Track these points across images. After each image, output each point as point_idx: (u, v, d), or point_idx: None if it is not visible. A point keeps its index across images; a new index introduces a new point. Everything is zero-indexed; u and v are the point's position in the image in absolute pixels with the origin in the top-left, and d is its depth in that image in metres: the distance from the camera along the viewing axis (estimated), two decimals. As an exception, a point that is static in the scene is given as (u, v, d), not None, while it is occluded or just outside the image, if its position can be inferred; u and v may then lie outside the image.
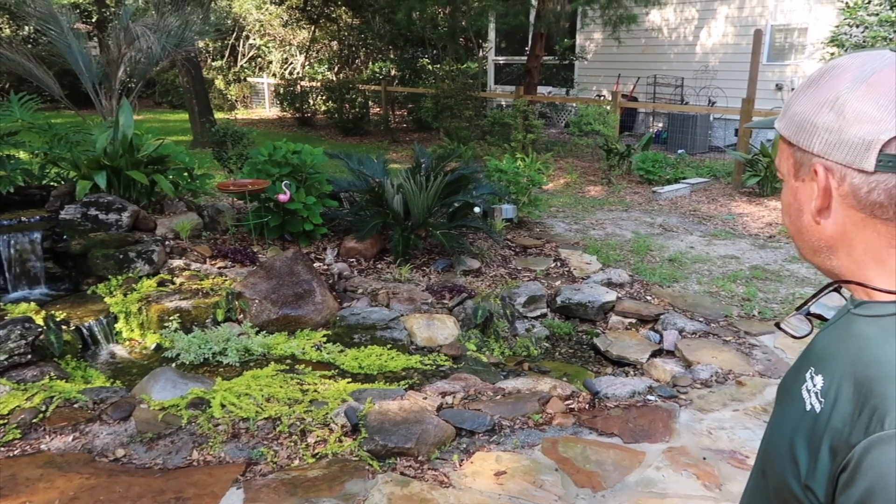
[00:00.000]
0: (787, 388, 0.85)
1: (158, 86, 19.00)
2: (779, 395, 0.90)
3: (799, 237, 0.85)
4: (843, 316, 0.81)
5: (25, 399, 3.26)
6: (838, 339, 0.78)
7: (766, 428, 0.89)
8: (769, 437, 0.84)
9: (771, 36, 11.67)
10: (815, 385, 0.76)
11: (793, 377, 0.85)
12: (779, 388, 0.93)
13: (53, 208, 5.07)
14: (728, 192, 8.62)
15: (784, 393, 0.86)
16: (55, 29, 6.83)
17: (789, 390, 0.83)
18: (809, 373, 0.79)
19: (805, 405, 0.76)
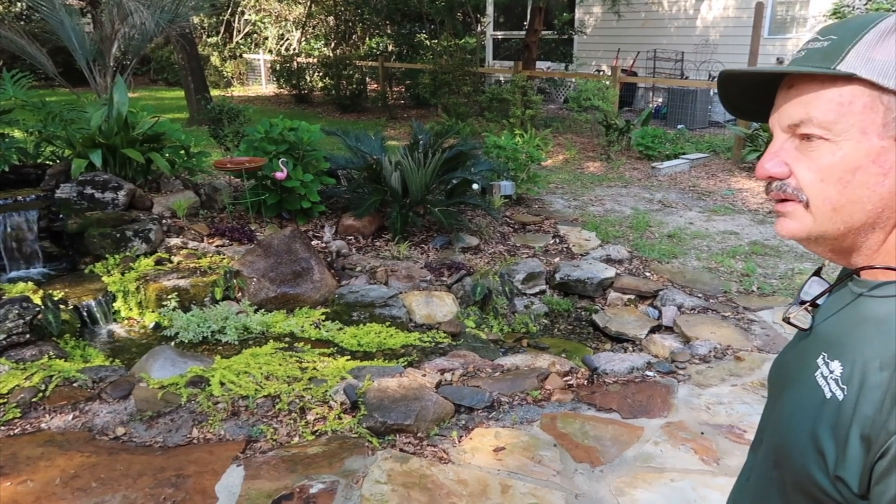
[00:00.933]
0: (792, 375, 0.82)
1: (153, 63, 18.83)
2: (779, 382, 0.86)
3: (848, 210, 0.75)
4: (852, 300, 0.77)
5: (25, 378, 3.26)
6: (851, 323, 0.75)
7: (771, 417, 0.85)
8: (782, 427, 0.79)
9: (772, 9, 11.54)
10: (833, 371, 0.73)
11: (797, 364, 0.82)
12: (775, 374, 0.90)
13: (49, 187, 5.04)
14: (728, 168, 8.58)
15: (789, 380, 0.83)
16: (47, 6, 6.73)
17: (797, 377, 0.80)
18: (821, 359, 0.76)
19: (823, 393, 0.73)
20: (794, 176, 0.77)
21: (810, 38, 0.79)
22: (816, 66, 0.74)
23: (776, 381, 0.88)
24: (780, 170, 0.78)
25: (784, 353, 0.91)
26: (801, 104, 0.75)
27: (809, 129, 0.75)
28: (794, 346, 0.87)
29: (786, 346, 0.93)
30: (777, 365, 0.91)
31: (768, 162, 0.79)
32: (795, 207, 0.78)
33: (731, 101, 0.88)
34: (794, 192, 0.77)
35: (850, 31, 0.74)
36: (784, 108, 0.77)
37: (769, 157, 0.79)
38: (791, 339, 0.91)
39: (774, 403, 0.86)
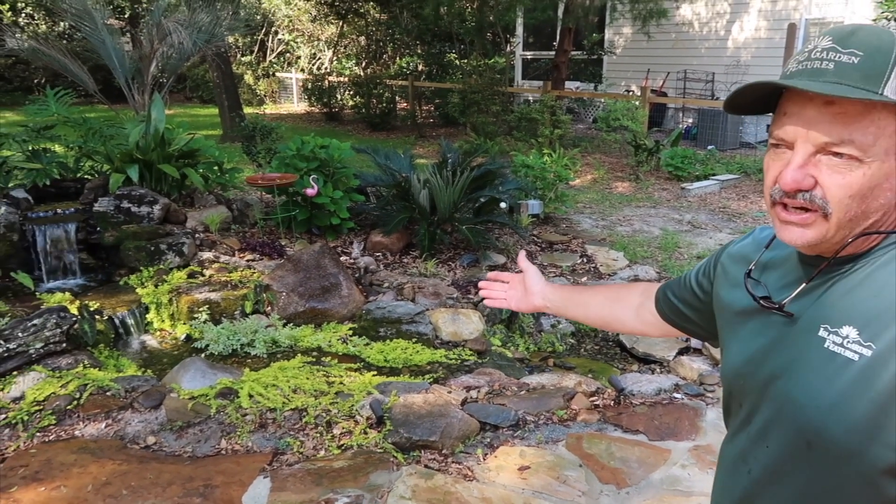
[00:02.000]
0: (785, 360, 0.85)
1: (189, 81, 19.27)
2: (763, 374, 0.88)
3: (859, 220, 0.82)
4: (838, 277, 0.83)
5: (60, 386, 3.34)
6: (843, 293, 0.81)
7: (769, 401, 0.87)
8: (807, 407, 0.81)
9: (805, 30, 11.45)
10: (847, 336, 0.78)
11: (787, 349, 0.85)
12: (747, 370, 0.92)
13: (87, 201, 5.18)
14: (759, 190, 8.48)
15: (783, 366, 0.85)
16: (90, 25, 6.97)
17: (797, 359, 0.83)
18: (823, 331, 0.81)
19: (846, 357, 0.77)
20: (820, 188, 0.81)
21: (824, 44, 0.80)
22: (859, 86, 0.76)
23: (754, 374, 0.90)
24: (809, 182, 0.81)
25: (744, 348, 0.94)
26: (843, 125, 0.78)
27: (847, 149, 0.78)
28: (767, 339, 0.89)
29: (736, 342, 0.97)
30: (745, 362, 0.93)
31: (798, 174, 0.81)
32: (816, 217, 0.82)
33: (739, 106, 0.90)
34: (822, 203, 0.81)
35: (877, 50, 0.77)
36: (821, 125, 0.79)
37: (798, 170, 0.81)
38: (742, 336, 0.95)
39: (764, 393, 0.88)
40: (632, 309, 1.33)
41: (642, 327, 1.32)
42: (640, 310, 1.31)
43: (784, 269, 0.94)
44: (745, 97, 0.88)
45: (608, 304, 1.37)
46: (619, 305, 1.35)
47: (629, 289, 1.38)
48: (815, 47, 0.81)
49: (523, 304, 1.46)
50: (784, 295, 0.89)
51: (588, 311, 1.39)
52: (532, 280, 1.45)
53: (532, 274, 1.46)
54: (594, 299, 1.40)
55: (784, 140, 0.84)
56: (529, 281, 1.45)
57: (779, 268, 0.95)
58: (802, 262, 0.91)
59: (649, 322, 1.30)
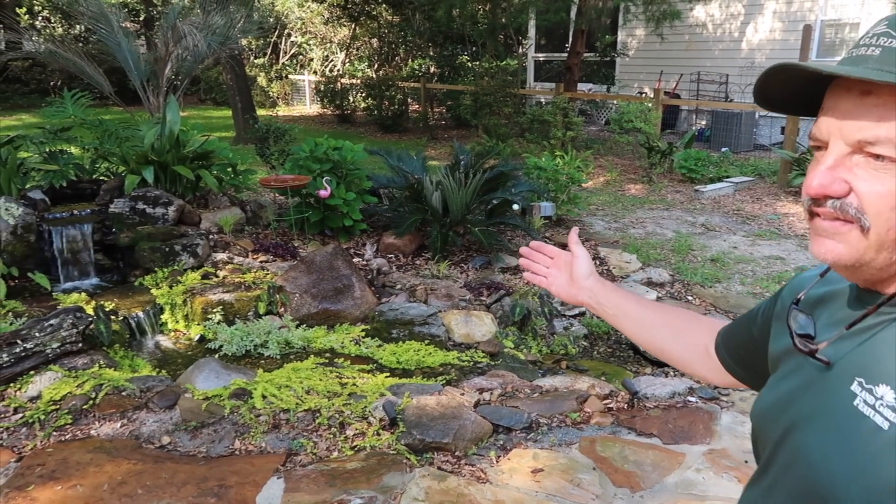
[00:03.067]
0: (809, 410, 0.73)
1: (202, 83, 19.39)
2: (784, 421, 0.77)
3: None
4: (889, 322, 0.70)
5: (76, 386, 3.37)
6: (893, 342, 0.68)
7: (784, 456, 0.76)
8: (818, 469, 0.69)
9: (821, 31, 11.36)
10: (882, 397, 0.65)
11: (814, 398, 0.73)
12: (770, 414, 0.80)
13: (103, 202, 5.22)
14: (773, 192, 8.43)
15: (805, 417, 0.73)
16: (106, 28, 7.03)
17: (820, 412, 0.71)
18: (857, 386, 0.68)
19: (874, 423, 0.65)
20: (855, 195, 0.68)
21: (877, 30, 0.69)
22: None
23: (776, 419, 0.78)
24: (839, 187, 0.69)
25: (774, 390, 0.82)
26: (880, 119, 0.65)
27: (886, 149, 0.65)
28: (797, 382, 0.77)
29: (771, 382, 0.84)
30: (771, 405, 0.81)
31: (825, 178, 0.69)
32: (850, 230, 0.69)
33: (771, 98, 0.78)
34: (856, 214, 0.68)
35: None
36: (855, 119, 0.67)
37: (827, 172, 0.69)
38: (777, 376, 0.83)
39: (782, 442, 0.77)
40: (696, 351, 1.13)
41: (705, 373, 1.13)
42: (704, 353, 1.12)
43: (837, 303, 0.80)
44: (775, 89, 0.76)
45: (670, 335, 1.16)
46: (683, 341, 1.15)
47: (696, 323, 1.17)
48: (868, 33, 0.71)
49: (564, 293, 1.27)
50: (828, 333, 0.76)
51: (642, 333, 1.20)
52: (581, 269, 1.24)
53: (582, 262, 1.25)
54: (654, 323, 1.18)
55: (819, 139, 0.72)
56: (577, 270, 1.25)
57: (833, 301, 0.81)
58: (855, 298, 0.77)
59: (712, 368, 1.10)
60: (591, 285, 1.24)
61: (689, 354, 1.14)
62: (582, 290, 1.24)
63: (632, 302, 1.22)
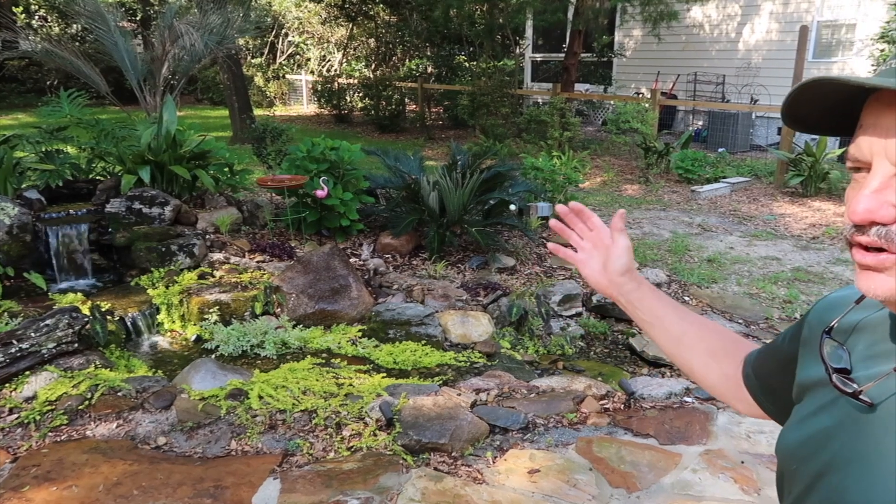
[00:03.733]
0: (847, 454, 0.68)
1: (199, 82, 19.37)
2: (816, 462, 0.71)
3: None
4: None
5: (72, 386, 3.36)
6: None
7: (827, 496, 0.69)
8: None
9: (817, 32, 11.39)
10: None
11: (853, 442, 0.68)
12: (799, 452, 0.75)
13: (99, 202, 5.21)
14: (770, 192, 8.44)
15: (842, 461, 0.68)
16: (103, 27, 7.02)
17: (862, 458, 0.66)
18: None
19: None
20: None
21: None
22: None
23: (809, 459, 0.73)
24: (888, 213, 0.62)
25: (805, 426, 0.76)
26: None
27: None
28: (832, 420, 0.72)
29: (800, 416, 0.78)
30: (803, 442, 0.75)
31: (871, 202, 0.62)
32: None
33: (800, 116, 0.72)
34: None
35: None
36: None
37: (873, 196, 0.62)
38: (806, 409, 0.77)
39: (816, 484, 0.71)
40: (729, 381, 1.03)
41: (736, 404, 1.03)
42: (736, 384, 1.02)
43: (877, 334, 0.73)
44: (807, 108, 0.70)
45: (707, 360, 1.05)
46: (719, 371, 1.05)
47: (735, 349, 1.05)
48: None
49: (593, 279, 1.13)
50: (868, 368, 0.70)
51: (677, 351, 1.08)
52: (617, 262, 1.09)
53: (620, 253, 1.09)
54: (692, 343, 1.07)
55: (859, 160, 0.65)
56: (614, 261, 1.09)
57: (871, 331, 0.74)
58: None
59: (739, 398, 1.01)
60: (625, 282, 1.09)
61: (723, 383, 1.04)
62: (614, 284, 1.10)
63: (671, 313, 1.08)
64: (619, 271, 1.09)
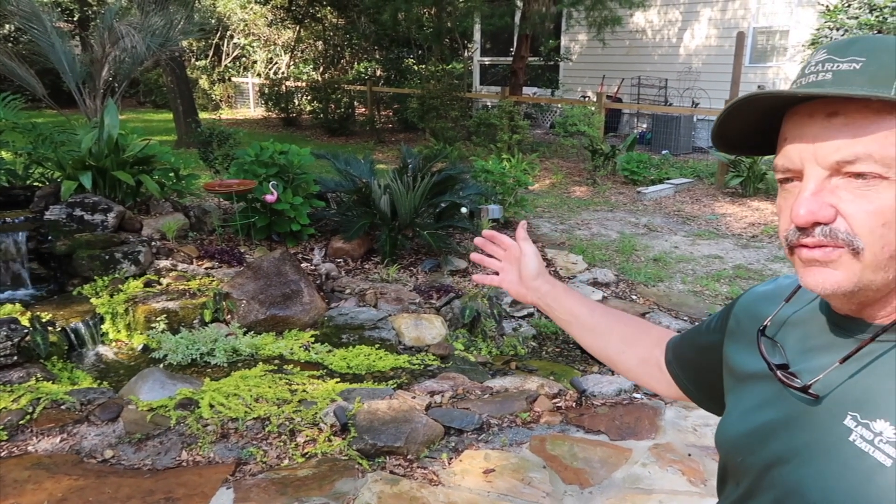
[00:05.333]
0: (798, 444, 0.71)
1: (142, 85, 18.87)
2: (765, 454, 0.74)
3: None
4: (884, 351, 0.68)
5: (12, 401, 3.23)
6: (885, 373, 0.66)
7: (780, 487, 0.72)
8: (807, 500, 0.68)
9: (753, 38, 11.82)
10: (881, 433, 0.64)
11: (802, 432, 0.71)
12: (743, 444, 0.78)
13: (38, 209, 5.03)
14: (711, 193, 8.72)
15: (792, 451, 0.71)
16: (38, 28, 6.78)
17: (813, 447, 0.69)
18: (851, 421, 0.66)
19: (875, 459, 0.63)
20: (842, 219, 0.66)
21: (818, 58, 0.69)
22: (870, 90, 0.63)
23: (755, 451, 0.76)
24: (828, 213, 0.66)
25: (748, 418, 0.79)
26: (854, 136, 0.64)
27: (867, 166, 0.64)
28: (778, 413, 0.75)
29: (743, 409, 0.81)
30: (747, 434, 0.78)
31: (812, 204, 0.66)
32: (842, 255, 0.66)
33: (728, 136, 0.76)
34: (847, 237, 0.66)
35: (881, 51, 0.65)
36: (829, 141, 0.66)
37: (812, 198, 0.67)
38: (748, 403, 0.80)
39: (765, 475, 0.74)
40: (646, 363, 1.10)
41: (654, 385, 1.10)
42: (654, 366, 1.09)
43: (808, 328, 0.77)
44: (734, 126, 0.74)
45: (622, 346, 1.12)
46: (634, 353, 1.12)
47: (647, 333, 1.13)
48: (809, 62, 0.70)
49: (514, 290, 1.19)
50: (805, 362, 0.74)
51: (594, 341, 1.15)
52: (528, 268, 1.15)
53: (529, 260, 1.16)
54: (606, 331, 1.14)
55: (790, 169, 0.69)
56: (525, 269, 1.16)
57: (802, 326, 0.78)
58: (835, 325, 0.74)
59: (662, 381, 1.08)
60: (539, 286, 1.16)
61: (640, 367, 1.11)
62: (530, 290, 1.17)
63: (584, 307, 1.16)
64: (532, 276, 1.15)
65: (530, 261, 1.16)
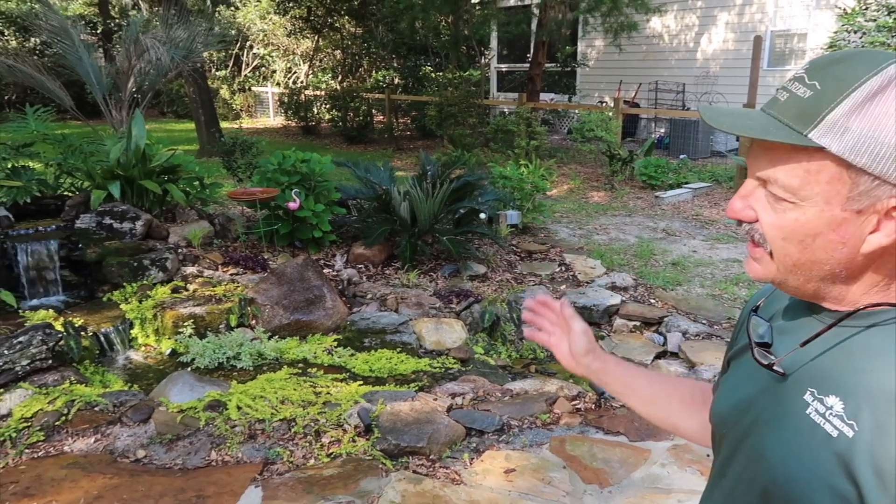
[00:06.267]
0: (766, 415, 0.79)
1: (164, 96, 19.20)
2: (742, 423, 0.82)
3: (807, 267, 0.75)
4: (847, 336, 0.75)
5: (48, 402, 3.35)
6: (841, 356, 0.73)
7: (741, 456, 0.81)
8: (776, 469, 0.75)
9: (771, 42, 11.78)
10: (831, 408, 0.70)
11: (770, 404, 0.79)
12: (727, 416, 0.86)
13: (69, 218, 5.18)
14: (730, 197, 8.69)
15: (762, 421, 0.79)
16: (66, 42, 6.98)
17: (777, 417, 0.77)
18: (809, 396, 0.73)
19: (825, 430, 0.70)
20: (760, 223, 0.77)
21: (797, 73, 0.74)
22: (789, 124, 0.71)
23: (738, 422, 0.84)
24: (748, 214, 0.78)
25: (734, 393, 0.87)
26: (770, 161, 0.74)
27: (774, 188, 0.74)
28: (755, 387, 0.82)
29: (731, 385, 0.89)
30: (732, 407, 0.86)
31: (737, 203, 0.78)
32: (763, 254, 0.78)
33: None
34: (761, 239, 0.77)
35: (835, 83, 0.70)
36: (757, 157, 0.76)
37: (739, 198, 0.78)
38: (735, 379, 0.89)
39: (741, 443, 0.82)
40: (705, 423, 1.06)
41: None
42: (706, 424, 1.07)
43: (792, 313, 0.86)
44: None
45: (683, 411, 1.13)
46: (697, 417, 1.11)
47: (703, 390, 1.14)
48: (793, 73, 0.76)
49: (566, 362, 1.19)
50: (783, 341, 0.82)
51: (654, 411, 1.16)
52: (577, 344, 1.16)
53: (578, 338, 1.16)
54: (665, 399, 1.15)
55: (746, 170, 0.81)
56: (574, 345, 1.16)
57: (788, 312, 0.87)
58: (807, 307, 0.82)
59: None
60: (589, 363, 1.16)
61: (705, 429, 1.06)
62: (581, 366, 1.17)
63: (639, 379, 1.18)
64: (582, 353, 1.16)
65: (579, 338, 1.16)
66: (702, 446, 1.17)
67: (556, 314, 1.21)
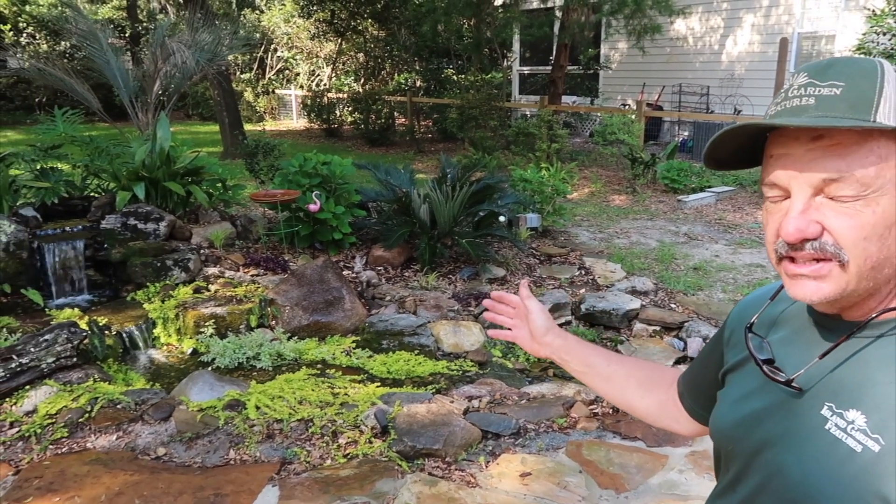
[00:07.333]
0: (780, 432, 0.77)
1: (189, 98, 19.46)
2: (753, 440, 0.81)
3: (881, 267, 0.72)
4: (862, 346, 0.74)
5: (72, 400, 3.42)
6: (861, 368, 0.72)
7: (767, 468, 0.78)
8: (799, 488, 0.73)
9: (798, 44, 11.62)
10: (853, 422, 0.69)
11: (784, 420, 0.77)
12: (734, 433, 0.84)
13: (95, 218, 5.28)
14: (754, 201, 8.60)
15: (776, 438, 0.77)
16: (95, 46, 7.11)
17: (793, 434, 0.75)
18: (827, 410, 0.72)
19: (848, 446, 0.69)
20: (829, 234, 0.72)
21: (800, 81, 0.74)
22: (846, 116, 0.69)
23: (746, 437, 0.82)
24: (814, 229, 0.72)
25: (738, 407, 0.85)
26: (839, 158, 0.70)
27: (842, 188, 0.70)
28: (764, 402, 0.81)
29: (733, 399, 0.88)
30: (738, 422, 0.84)
31: (801, 222, 0.72)
32: (832, 268, 0.72)
33: (719, 157, 0.83)
34: (835, 250, 0.72)
35: (860, 75, 0.71)
36: (815, 162, 0.71)
37: (801, 216, 0.73)
38: (737, 393, 0.87)
39: (754, 459, 0.80)
40: (665, 405, 1.13)
41: (675, 426, 1.13)
42: (672, 406, 1.12)
43: (793, 325, 0.84)
44: (725, 148, 0.80)
45: (640, 391, 1.15)
46: (653, 397, 1.14)
47: (662, 376, 1.16)
48: (791, 86, 0.75)
49: (528, 347, 1.23)
50: (790, 356, 0.80)
51: (612, 390, 1.18)
52: (536, 323, 1.19)
53: (536, 317, 1.19)
54: (623, 379, 1.17)
55: (777, 185, 0.75)
56: (534, 326, 1.20)
57: (787, 323, 0.86)
58: (817, 323, 0.80)
59: (681, 420, 1.11)
60: (551, 341, 1.19)
61: (660, 410, 1.13)
62: (542, 346, 1.20)
63: (599, 357, 1.19)
64: (542, 332, 1.19)
65: (537, 318, 1.19)
66: (651, 424, 1.20)
67: (514, 307, 1.25)
